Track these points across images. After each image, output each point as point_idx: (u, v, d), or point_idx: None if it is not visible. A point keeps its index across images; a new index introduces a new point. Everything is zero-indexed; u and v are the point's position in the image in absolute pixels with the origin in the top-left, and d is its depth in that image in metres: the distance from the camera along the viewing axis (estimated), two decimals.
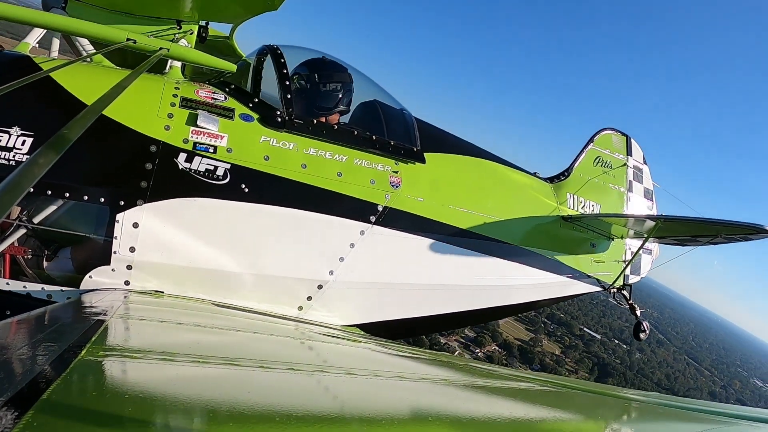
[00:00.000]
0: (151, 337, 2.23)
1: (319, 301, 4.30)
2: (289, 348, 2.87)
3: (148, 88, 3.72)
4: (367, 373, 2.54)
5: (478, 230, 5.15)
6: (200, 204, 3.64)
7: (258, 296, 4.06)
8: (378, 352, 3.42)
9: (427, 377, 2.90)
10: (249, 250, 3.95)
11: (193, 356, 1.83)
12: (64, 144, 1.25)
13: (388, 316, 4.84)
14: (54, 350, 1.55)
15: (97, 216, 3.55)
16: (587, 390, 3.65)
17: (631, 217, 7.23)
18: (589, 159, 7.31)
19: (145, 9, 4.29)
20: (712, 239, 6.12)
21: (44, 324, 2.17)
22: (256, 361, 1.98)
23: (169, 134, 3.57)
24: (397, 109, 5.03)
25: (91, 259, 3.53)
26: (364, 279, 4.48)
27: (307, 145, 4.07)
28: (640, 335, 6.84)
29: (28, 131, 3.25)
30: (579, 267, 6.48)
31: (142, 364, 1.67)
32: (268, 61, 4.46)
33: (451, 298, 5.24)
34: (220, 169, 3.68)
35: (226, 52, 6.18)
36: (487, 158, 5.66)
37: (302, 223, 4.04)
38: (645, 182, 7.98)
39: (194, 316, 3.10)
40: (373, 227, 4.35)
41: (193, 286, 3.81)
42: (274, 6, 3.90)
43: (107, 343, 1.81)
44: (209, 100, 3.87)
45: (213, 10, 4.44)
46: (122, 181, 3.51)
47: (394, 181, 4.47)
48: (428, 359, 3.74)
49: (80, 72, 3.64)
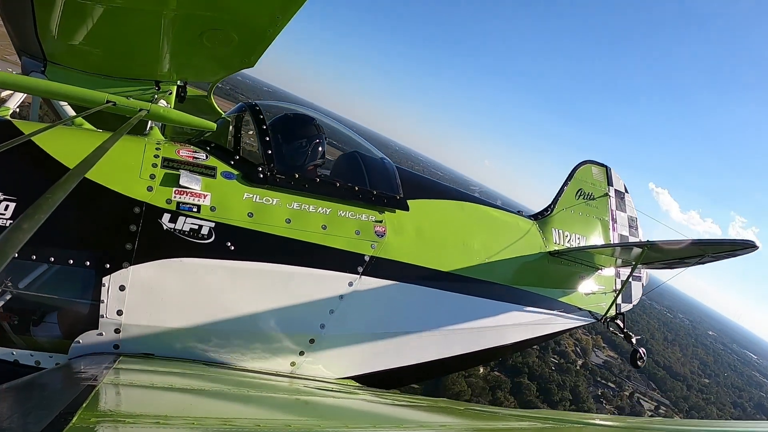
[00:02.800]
0: (142, 400, 2.19)
1: (312, 355, 4.23)
2: (285, 405, 2.81)
3: (129, 150, 3.73)
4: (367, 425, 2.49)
5: (466, 273, 5.14)
6: (186, 264, 3.61)
7: (250, 354, 4.00)
8: (375, 404, 3.36)
9: (426, 425, 2.84)
10: (238, 308, 3.89)
11: (186, 418, 1.80)
12: (48, 208, 1.25)
13: (382, 366, 4.77)
14: (45, 417, 1.53)
15: (83, 280, 3.50)
16: (588, 424, 3.59)
17: (617, 246, 7.28)
18: (571, 192, 7.41)
19: (123, 71, 4.35)
20: (699, 260, 6.17)
21: (34, 391, 2.13)
22: (252, 421, 1.93)
23: (153, 195, 3.56)
24: (378, 158, 5.08)
25: (79, 323, 3.46)
26: (355, 330, 4.44)
27: (290, 200, 4.08)
28: (638, 362, 6.79)
29: (11, 196, 3.23)
30: (570, 301, 6.48)
31: (135, 428, 1.64)
32: (247, 118, 4.51)
33: (444, 343, 5.19)
34: (205, 228, 3.66)
35: (205, 111, 6.25)
36: (470, 201, 5.71)
37: (290, 278, 4.01)
38: (628, 210, 8.08)
39: (186, 377, 3.04)
40: (361, 278, 4.32)
41: (183, 347, 3.74)
42: (250, 63, 3.97)
43: (99, 409, 1.78)
44: (190, 160, 3.89)
45: (191, 69, 4.52)
46: (107, 243, 3.47)
47: (379, 230, 4.47)
48: (426, 407, 3.68)
49: (61, 135, 3.65)
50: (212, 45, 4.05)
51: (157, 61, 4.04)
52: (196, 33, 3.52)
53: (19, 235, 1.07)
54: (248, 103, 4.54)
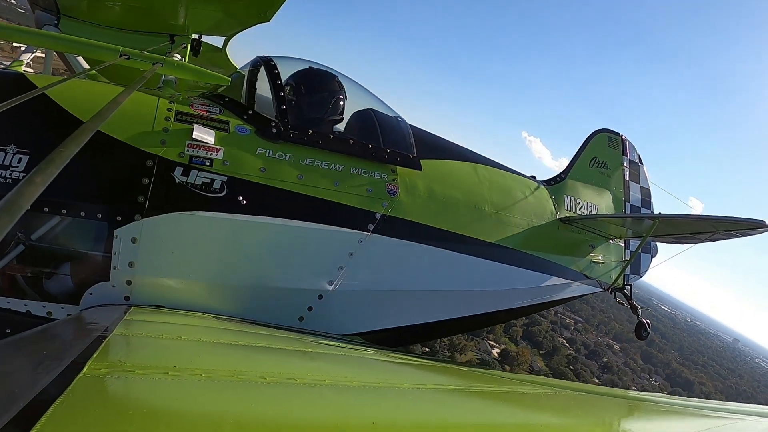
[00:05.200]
0: (152, 352, 2.22)
1: (321, 310, 4.28)
2: (291, 359, 2.86)
3: (143, 103, 3.72)
4: (371, 381, 2.54)
5: (476, 235, 5.15)
6: (198, 217, 3.64)
7: (259, 308, 4.04)
8: (380, 361, 3.41)
9: (429, 383, 2.89)
10: (248, 262, 3.94)
11: (195, 370, 1.83)
12: (61, 161, 1.24)
13: (389, 324, 4.83)
14: (56, 368, 1.55)
15: (95, 232, 3.54)
16: (588, 392, 3.65)
17: (629, 217, 7.24)
18: (585, 160, 7.35)
19: (137, 24, 4.31)
20: (710, 236, 6.12)
21: (45, 341, 2.17)
22: (257, 373, 1.97)
23: (165, 149, 3.57)
24: (392, 116, 5.03)
25: (91, 275, 3.52)
26: (364, 287, 4.48)
27: (303, 156, 4.08)
28: (643, 334, 6.82)
29: (24, 149, 3.25)
30: (578, 268, 6.48)
31: (144, 379, 1.66)
32: (261, 72, 4.47)
33: (452, 304, 5.23)
34: (217, 182, 3.68)
35: (219, 65, 6.21)
36: (484, 163, 5.67)
37: (301, 233, 4.04)
38: (642, 181, 8.00)
39: (195, 330, 3.09)
40: (371, 235, 4.35)
41: (193, 299, 3.79)
42: (266, 18, 3.91)
43: (109, 360, 1.80)
44: (204, 114, 3.88)
45: (205, 23, 4.46)
46: (119, 196, 3.50)
47: (391, 188, 4.48)
48: (430, 366, 3.74)
49: (75, 89, 3.64)
50: None
51: (172, 15, 4.00)
52: None
53: (32, 189, 1.07)
54: (263, 58, 4.49)
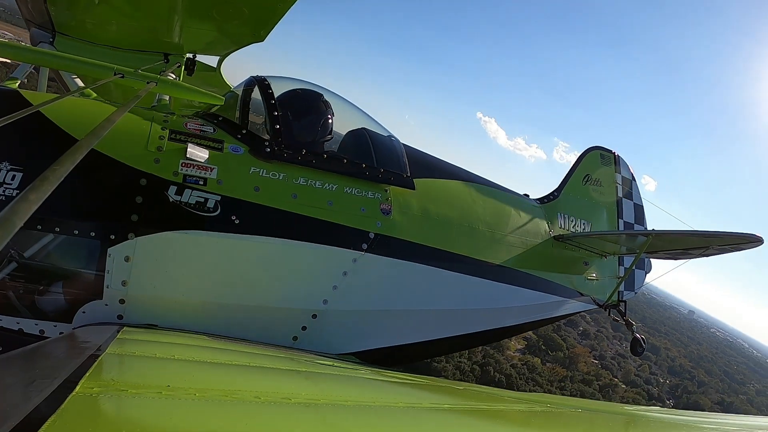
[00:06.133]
0: (145, 371, 2.20)
1: (315, 330, 4.25)
2: (285, 379, 2.84)
3: (137, 122, 3.73)
4: (366, 401, 2.52)
5: (470, 254, 5.15)
6: (191, 236, 3.63)
7: (253, 327, 4.02)
8: (375, 380, 3.39)
9: (424, 403, 2.87)
10: (242, 281, 3.92)
11: (188, 389, 1.81)
12: (55, 179, 1.24)
13: (383, 343, 4.80)
14: (48, 386, 1.53)
15: (88, 250, 3.52)
16: (586, 408, 3.62)
17: (622, 234, 7.27)
18: (578, 178, 7.40)
19: (132, 43, 4.33)
20: (703, 251, 6.15)
21: (38, 360, 2.14)
22: (252, 393, 1.95)
23: (159, 167, 3.57)
24: (386, 136, 5.06)
25: (84, 293, 3.49)
26: (358, 307, 4.46)
27: (297, 175, 4.08)
28: (638, 350, 6.81)
29: (18, 166, 3.24)
30: (573, 286, 6.49)
31: (137, 398, 1.65)
32: (255, 91, 4.49)
33: (445, 323, 5.22)
34: (211, 201, 3.67)
35: (213, 84, 6.23)
36: (477, 182, 5.70)
37: (294, 253, 4.03)
38: (635, 198, 8.05)
39: (188, 349, 3.06)
40: (365, 255, 4.34)
41: (186, 318, 3.76)
42: (260, 37, 3.94)
43: (102, 379, 1.79)
44: (198, 133, 3.89)
45: (200, 43, 4.49)
46: (113, 215, 3.49)
47: (384, 208, 4.48)
48: (425, 385, 3.71)
49: (70, 107, 3.64)
50: (222, 18, 4.03)
51: (167, 34, 4.03)
52: (206, 6, 3.49)
53: (26, 206, 1.07)
54: (257, 77, 4.51)
